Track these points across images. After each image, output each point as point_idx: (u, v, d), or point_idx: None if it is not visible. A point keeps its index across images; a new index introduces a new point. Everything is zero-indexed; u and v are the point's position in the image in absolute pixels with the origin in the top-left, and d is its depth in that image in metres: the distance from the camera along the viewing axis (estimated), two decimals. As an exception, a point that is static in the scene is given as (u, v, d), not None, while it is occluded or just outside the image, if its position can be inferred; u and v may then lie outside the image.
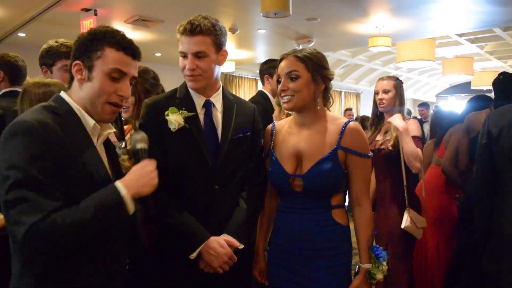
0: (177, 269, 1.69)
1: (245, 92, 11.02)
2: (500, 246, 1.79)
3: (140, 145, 1.44)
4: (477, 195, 1.97)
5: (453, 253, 3.09)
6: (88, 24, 5.46)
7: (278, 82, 1.73)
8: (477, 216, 1.98)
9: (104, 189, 1.24)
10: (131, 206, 1.26)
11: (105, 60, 1.31)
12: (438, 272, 3.19)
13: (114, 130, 1.40)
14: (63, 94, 1.35)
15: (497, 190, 1.83)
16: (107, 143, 1.45)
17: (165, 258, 1.72)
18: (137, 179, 1.31)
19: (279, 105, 2.38)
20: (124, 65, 1.34)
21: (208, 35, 1.64)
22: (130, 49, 1.35)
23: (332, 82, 1.76)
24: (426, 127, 7.23)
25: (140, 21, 6.04)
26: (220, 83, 1.81)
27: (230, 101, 1.81)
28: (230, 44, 7.89)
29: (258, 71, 3.26)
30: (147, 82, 2.08)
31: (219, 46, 1.69)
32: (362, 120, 6.83)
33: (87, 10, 5.42)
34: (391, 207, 2.57)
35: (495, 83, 2.76)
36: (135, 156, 1.44)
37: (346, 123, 1.70)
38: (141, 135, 1.48)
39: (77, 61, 1.32)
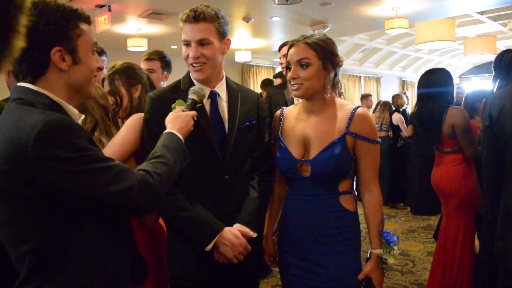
0: (190, 259, 1.70)
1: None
2: (506, 223, 1.79)
3: (192, 96, 1.63)
4: (485, 176, 1.98)
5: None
6: (103, 20, 5.52)
7: (288, 69, 1.71)
8: (488, 197, 1.98)
9: (165, 137, 1.42)
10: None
11: (85, 36, 1.23)
12: (465, 258, 2.96)
13: (83, 116, 1.35)
14: (30, 85, 1.18)
15: (503, 170, 1.84)
16: None
17: (178, 249, 1.73)
18: (182, 126, 1.50)
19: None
20: (93, 36, 1.29)
21: (211, 22, 1.63)
22: (89, 18, 1.29)
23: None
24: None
25: (154, 15, 6.08)
26: (224, 73, 1.80)
27: (234, 90, 1.80)
28: (245, 33, 7.87)
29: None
30: (128, 76, 2.00)
31: (222, 34, 1.68)
32: (389, 105, 6.70)
33: (101, 6, 5.48)
34: None
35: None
36: (188, 105, 1.62)
37: (355, 109, 1.69)
38: (197, 88, 1.66)
39: (57, 47, 1.16)
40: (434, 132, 2.88)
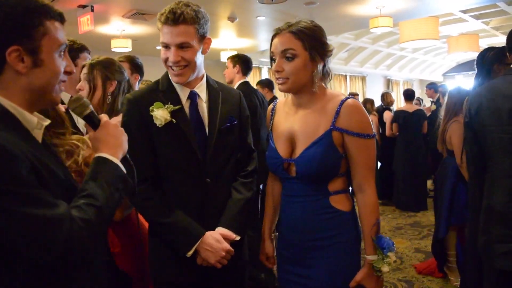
0: (173, 264, 1.66)
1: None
2: (488, 218, 1.79)
3: (88, 110, 1.23)
4: (469, 170, 2.00)
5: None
6: (85, 20, 5.45)
7: (273, 60, 1.57)
8: (471, 192, 1.99)
9: (96, 164, 1.13)
10: (124, 169, 1.18)
11: (51, 36, 1.06)
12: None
13: (49, 121, 1.18)
14: None
15: (484, 165, 1.85)
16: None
17: (160, 255, 1.69)
18: (116, 143, 1.19)
19: None
20: (64, 36, 1.12)
21: (191, 24, 1.56)
22: (63, 16, 1.11)
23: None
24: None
25: (138, 15, 6.02)
26: (204, 72, 1.75)
27: (215, 89, 1.75)
28: (230, 33, 7.84)
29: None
30: (107, 69, 1.98)
31: (202, 35, 1.62)
32: (364, 103, 6.77)
33: (83, 6, 5.40)
34: None
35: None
36: (90, 122, 1.25)
37: (343, 101, 1.51)
38: (80, 101, 1.23)
39: (14, 47, 1.00)
40: None
